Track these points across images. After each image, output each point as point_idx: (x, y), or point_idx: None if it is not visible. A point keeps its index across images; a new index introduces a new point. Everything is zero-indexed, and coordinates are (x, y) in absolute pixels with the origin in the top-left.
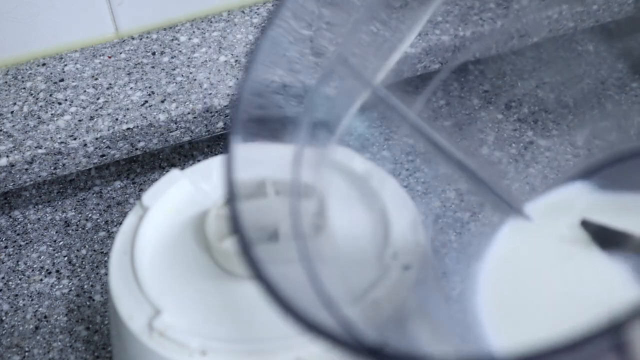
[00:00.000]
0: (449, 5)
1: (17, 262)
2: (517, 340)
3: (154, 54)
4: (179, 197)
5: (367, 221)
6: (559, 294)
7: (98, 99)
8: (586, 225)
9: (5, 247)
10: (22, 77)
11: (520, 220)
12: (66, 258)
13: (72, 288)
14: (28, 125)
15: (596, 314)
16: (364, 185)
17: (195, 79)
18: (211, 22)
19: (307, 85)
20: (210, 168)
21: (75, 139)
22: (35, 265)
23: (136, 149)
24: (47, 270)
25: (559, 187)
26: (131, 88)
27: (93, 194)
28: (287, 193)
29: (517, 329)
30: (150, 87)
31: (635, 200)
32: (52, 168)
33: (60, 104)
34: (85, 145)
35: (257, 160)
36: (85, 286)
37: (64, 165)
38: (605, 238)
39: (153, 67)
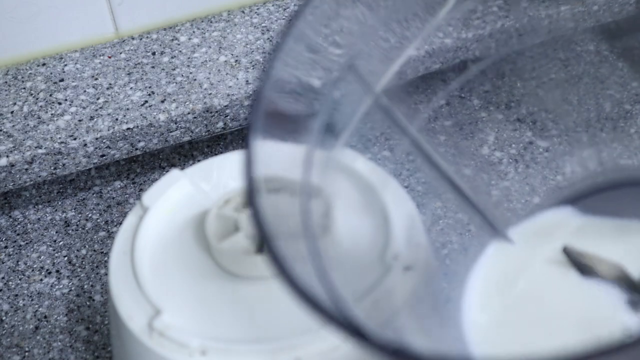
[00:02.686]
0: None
1: (17, 262)
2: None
3: (154, 54)
4: (179, 197)
5: (369, 222)
6: (541, 315)
7: (98, 99)
8: (567, 251)
9: (5, 247)
10: (22, 77)
11: (504, 243)
12: (66, 258)
13: (72, 288)
14: (28, 125)
15: (575, 339)
16: (365, 186)
17: (195, 79)
18: (211, 22)
19: (321, 87)
20: (210, 168)
21: (75, 139)
22: (35, 265)
23: (136, 149)
24: (47, 270)
25: (542, 211)
26: (131, 88)
27: (93, 194)
28: (294, 191)
29: (500, 349)
30: (150, 87)
31: (615, 226)
32: (52, 168)
33: (60, 104)
34: (85, 145)
35: (271, 158)
36: (85, 286)
37: (64, 165)
38: (585, 264)
39: (153, 67)
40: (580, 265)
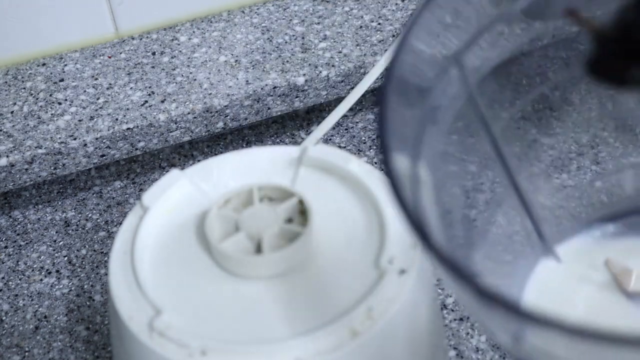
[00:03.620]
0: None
1: (17, 262)
2: None
3: (154, 54)
4: (179, 197)
5: (363, 225)
6: None
7: (98, 99)
8: (610, 265)
9: (5, 247)
10: (22, 77)
11: (551, 261)
12: (66, 258)
13: (72, 288)
14: (28, 125)
15: None
16: (360, 188)
17: (195, 79)
18: (211, 22)
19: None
20: (210, 168)
21: (75, 139)
22: (35, 265)
23: (136, 149)
24: (47, 270)
25: (586, 229)
26: (131, 88)
27: (93, 194)
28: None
29: None
30: (150, 87)
31: None
32: (52, 168)
33: (60, 104)
34: (85, 145)
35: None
36: (85, 286)
37: (64, 165)
38: (627, 277)
39: (153, 67)
40: (622, 277)
